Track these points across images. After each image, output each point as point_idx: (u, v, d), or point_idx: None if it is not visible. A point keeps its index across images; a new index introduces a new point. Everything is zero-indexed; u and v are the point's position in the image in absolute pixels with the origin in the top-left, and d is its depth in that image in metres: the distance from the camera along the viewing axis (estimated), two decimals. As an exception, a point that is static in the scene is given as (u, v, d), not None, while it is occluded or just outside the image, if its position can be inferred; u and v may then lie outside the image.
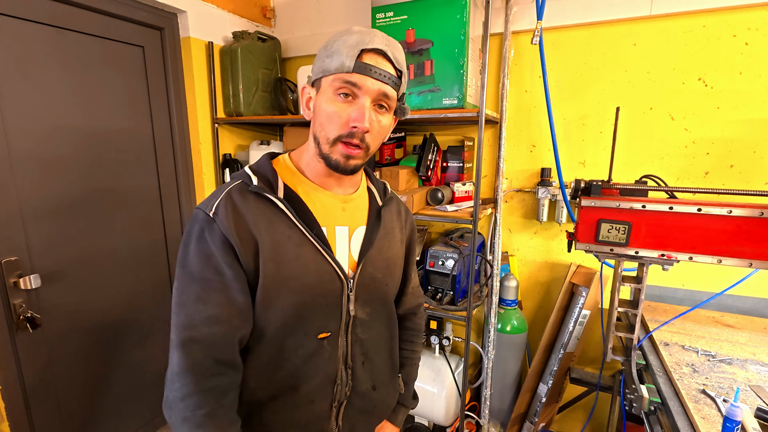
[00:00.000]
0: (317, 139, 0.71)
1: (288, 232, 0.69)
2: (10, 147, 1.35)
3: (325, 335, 0.73)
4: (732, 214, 0.94)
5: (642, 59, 1.51)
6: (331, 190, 0.77)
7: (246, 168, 0.74)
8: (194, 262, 0.66)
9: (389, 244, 0.83)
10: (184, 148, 1.91)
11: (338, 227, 0.76)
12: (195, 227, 0.68)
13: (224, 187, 0.71)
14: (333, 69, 0.67)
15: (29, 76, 1.39)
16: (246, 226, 0.67)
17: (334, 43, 0.68)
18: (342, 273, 0.73)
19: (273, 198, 0.69)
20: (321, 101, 0.69)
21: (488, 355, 1.76)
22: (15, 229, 1.39)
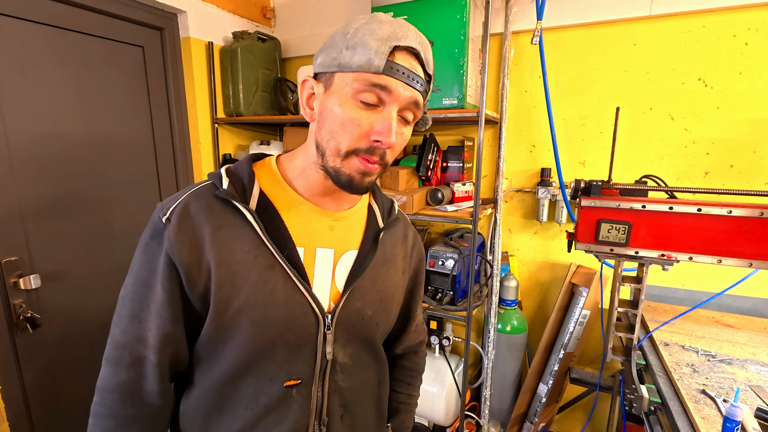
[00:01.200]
0: (322, 148, 0.57)
1: (255, 251, 0.57)
2: (10, 147, 1.35)
3: (293, 383, 0.59)
4: (732, 214, 0.94)
5: (642, 59, 1.51)
6: (320, 205, 0.63)
7: (222, 168, 0.62)
8: (137, 273, 0.57)
9: (387, 274, 0.68)
10: (184, 148, 1.91)
11: (320, 249, 0.62)
12: (147, 230, 0.58)
13: (192, 186, 0.60)
14: (355, 66, 0.52)
15: (29, 76, 1.39)
16: (200, 240, 0.55)
17: (358, 31, 0.53)
18: (318, 307, 0.59)
19: (241, 207, 0.57)
20: (333, 102, 0.55)
21: (488, 355, 1.76)
22: (15, 229, 1.39)
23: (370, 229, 0.68)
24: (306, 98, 0.60)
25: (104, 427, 0.58)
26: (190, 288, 0.56)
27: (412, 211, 1.56)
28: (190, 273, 0.55)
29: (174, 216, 0.56)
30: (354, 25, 0.55)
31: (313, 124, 0.60)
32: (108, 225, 1.66)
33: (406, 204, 1.55)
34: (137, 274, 0.58)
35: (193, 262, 0.55)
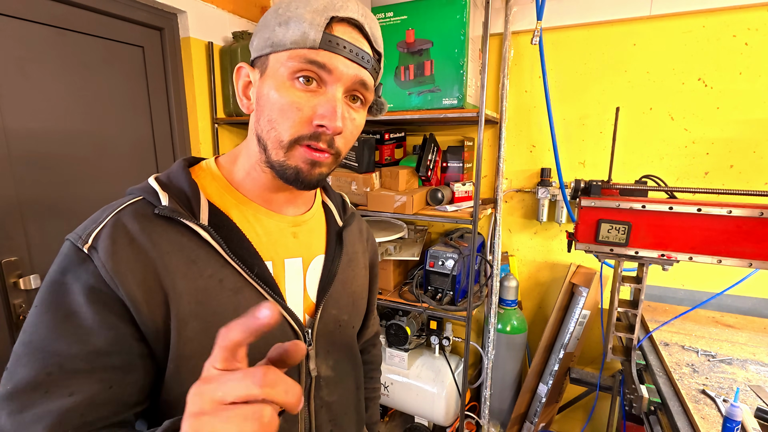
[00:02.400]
0: (263, 141, 0.50)
1: (219, 274, 0.48)
2: (10, 147, 1.35)
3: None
4: (732, 214, 0.94)
5: (642, 59, 1.51)
6: (278, 210, 0.57)
7: (150, 179, 0.51)
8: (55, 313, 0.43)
9: (354, 274, 0.65)
10: (184, 148, 1.91)
11: (288, 260, 0.56)
12: (58, 265, 0.45)
13: (111, 207, 0.48)
14: (289, 42, 0.46)
15: (29, 76, 1.39)
16: (150, 269, 0.45)
17: (291, 4, 0.47)
18: (296, 323, 0.54)
19: (192, 225, 0.48)
20: (268, 87, 0.48)
21: (488, 355, 1.76)
22: (15, 229, 1.39)
23: (331, 229, 0.64)
24: (242, 87, 0.52)
25: None
26: (143, 325, 0.45)
27: (412, 211, 1.56)
28: (144, 305, 0.44)
29: (103, 241, 0.44)
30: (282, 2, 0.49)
31: (252, 116, 0.52)
32: (108, 225, 1.66)
33: (406, 204, 1.55)
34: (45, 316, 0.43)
35: (145, 296, 0.44)
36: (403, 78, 1.56)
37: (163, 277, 0.46)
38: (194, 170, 0.55)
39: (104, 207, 0.50)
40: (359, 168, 1.67)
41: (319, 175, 0.51)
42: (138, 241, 0.46)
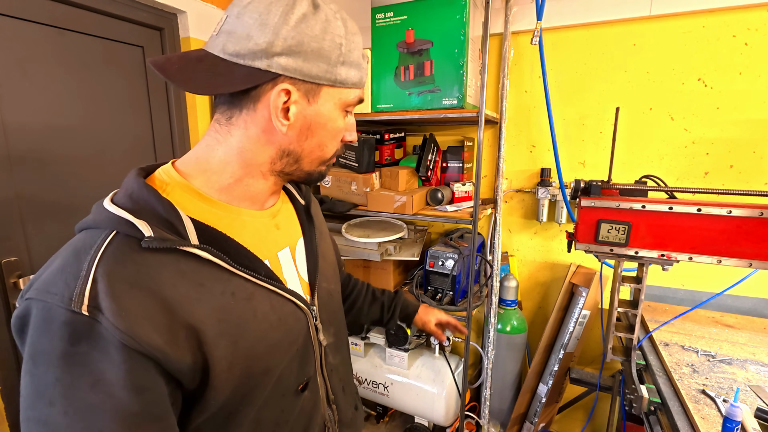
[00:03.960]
0: (297, 155, 0.53)
1: (229, 288, 0.49)
2: (9, 147, 1.35)
3: (303, 384, 0.59)
4: (732, 215, 0.94)
5: (642, 59, 1.51)
6: (261, 207, 0.57)
7: (110, 206, 0.47)
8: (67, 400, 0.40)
9: (327, 245, 0.71)
10: (183, 148, 1.91)
11: (280, 253, 0.59)
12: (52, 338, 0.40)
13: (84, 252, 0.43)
14: (351, 83, 0.53)
15: (29, 76, 1.39)
16: (163, 310, 0.43)
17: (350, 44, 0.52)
18: (304, 304, 0.58)
19: (190, 249, 0.46)
20: (320, 114, 0.52)
21: (488, 355, 1.76)
22: (15, 230, 1.39)
23: (298, 209, 0.67)
24: (282, 108, 0.50)
25: None
26: (174, 365, 0.43)
27: (412, 212, 1.56)
28: (170, 350, 0.42)
29: (104, 300, 0.40)
30: (343, 36, 0.50)
31: (273, 130, 0.51)
32: (108, 225, 1.67)
33: (406, 204, 1.55)
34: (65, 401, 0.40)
35: (167, 338, 0.42)
36: (403, 78, 1.56)
37: (178, 311, 0.44)
38: (155, 184, 0.50)
39: (70, 252, 0.43)
40: (359, 168, 1.67)
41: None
42: (140, 286, 0.42)
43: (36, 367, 0.41)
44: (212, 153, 0.52)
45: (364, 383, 1.90)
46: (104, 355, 0.40)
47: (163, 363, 0.42)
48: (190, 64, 0.49)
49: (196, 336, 0.45)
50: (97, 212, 0.47)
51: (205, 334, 0.45)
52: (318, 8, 0.49)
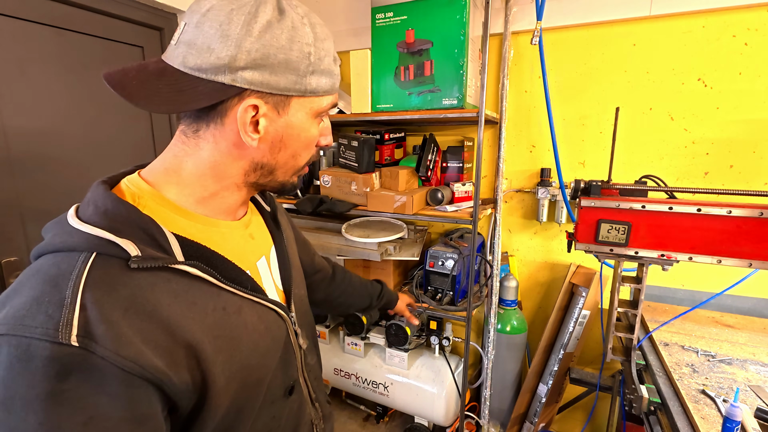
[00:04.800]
0: (271, 167, 0.52)
1: (219, 304, 0.48)
2: (9, 147, 1.35)
3: (290, 387, 0.60)
4: (732, 215, 0.94)
5: (641, 59, 1.51)
6: (234, 218, 0.57)
7: (76, 223, 0.42)
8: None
9: (293, 250, 0.71)
10: (183, 149, 1.92)
11: (258, 263, 0.59)
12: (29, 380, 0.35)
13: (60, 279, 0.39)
14: (322, 91, 0.51)
15: (29, 77, 1.39)
16: (160, 331, 0.41)
17: (319, 53, 0.49)
18: (284, 312, 0.59)
19: (180, 267, 0.44)
20: (292, 125, 0.51)
21: (488, 355, 1.76)
22: (15, 230, 1.39)
23: (266, 217, 0.67)
24: (251, 122, 0.48)
25: None
26: (175, 387, 0.42)
27: (411, 212, 1.56)
28: (170, 372, 0.41)
29: (97, 327, 0.37)
30: (305, 39, 0.47)
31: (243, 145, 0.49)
32: (108, 225, 1.67)
33: (406, 204, 1.55)
34: None
35: (168, 360, 0.41)
36: (403, 78, 1.56)
37: (176, 332, 0.42)
38: (125, 197, 0.47)
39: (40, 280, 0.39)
40: (359, 168, 1.67)
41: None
42: (135, 309, 0.40)
43: (9, 415, 0.35)
44: (182, 165, 0.50)
45: (364, 383, 1.90)
46: (99, 387, 0.36)
47: (166, 387, 0.41)
48: (149, 79, 0.45)
49: (195, 355, 0.43)
50: (64, 233, 0.42)
51: (204, 352, 0.44)
52: (284, 14, 0.46)
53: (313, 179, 1.87)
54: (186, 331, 0.43)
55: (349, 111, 1.70)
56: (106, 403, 0.37)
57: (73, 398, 0.36)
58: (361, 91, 1.63)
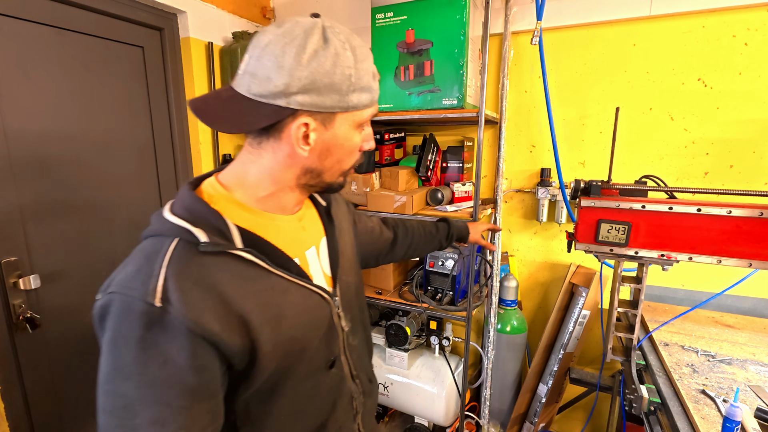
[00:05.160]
0: (319, 171, 0.62)
1: (269, 284, 0.58)
2: (9, 147, 1.35)
3: (331, 362, 0.69)
4: (732, 215, 0.94)
5: (641, 59, 1.52)
6: (290, 213, 0.66)
7: (169, 215, 0.55)
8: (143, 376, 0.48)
9: (345, 241, 0.78)
10: (183, 148, 1.91)
11: (307, 252, 0.68)
12: (131, 326, 0.48)
13: (154, 252, 0.52)
14: (362, 105, 0.60)
15: (29, 77, 1.39)
16: (223, 303, 0.52)
17: (359, 71, 0.58)
18: (328, 295, 0.67)
19: (238, 253, 0.55)
20: (336, 136, 0.60)
21: (488, 355, 1.76)
22: (15, 230, 1.38)
23: (320, 211, 0.76)
24: (302, 137, 0.58)
25: None
26: (229, 348, 0.52)
27: (412, 212, 1.56)
28: (224, 336, 0.51)
29: (173, 294, 0.49)
30: (351, 66, 0.56)
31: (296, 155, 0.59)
32: (108, 225, 1.66)
33: (406, 204, 1.55)
34: (142, 376, 0.48)
35: (225, 324, 0.51)
36: (403, 78, 1.56)
37: (232, 304, 0.52)
38: (203, 196, 0.59)
39: (142, 255, 0.53)
40: (359, 168, 1.67)
41: None
42: (202, 283, 0.51)
43: (116, 348, 0.50)
44: (247, 171, 0.61)
45: (364, 383, 1.90)
46: (171, 339, 0.48)
47: (220, 347, 0.51)
48: (222, 105, 0.57)
49: (245, 323, 0.53)
50: (160, 222, 0.56)
51: (253, 322, 0.54)
52: (328, 42, 0.55)
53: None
54: (238, 305, 0.53)
55: (349, 111, 1.70)
56: (176, 352, 0.48)
57: (155, 344, 0.48)
58: (361, 91, 1.63)
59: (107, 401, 0.50)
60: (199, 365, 0.50)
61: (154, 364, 0.48)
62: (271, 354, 0.56)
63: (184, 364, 0.49)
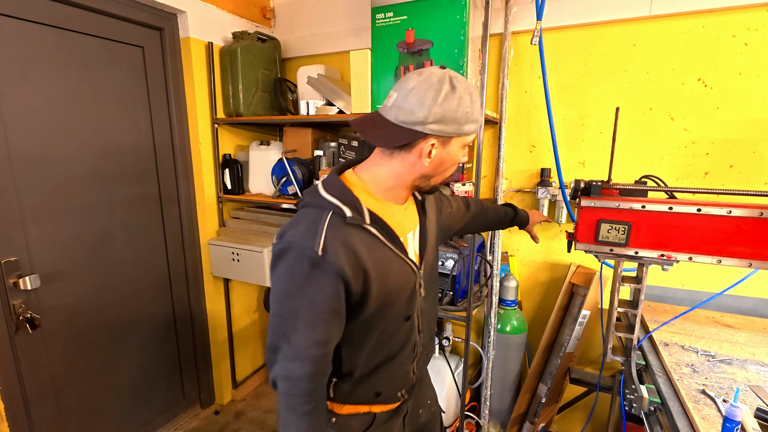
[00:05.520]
0: (430, 176, 0.85)
1: (382, 252, 0.82)
2: (10, 147, 1.35)
3: (408, 316, 0.92)
4: (731, 215, 0.94)
5: (641, 59, 1.52)
6: (400, 203, 0.90)
7: (326, 195, 0.81)
8: (306, 296, 0.75)
9: (431, 228, 0.99)
10: (183, 149, 1.91)
11: (408, 234, 0.92)
12: (302, 263, 0.75)
13: (317, 219, 0.78)
14: (470, 132, 0.82)
15: (29, 77, 1.39)
16: (355, 259, 0.77)
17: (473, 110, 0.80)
18: (416, 269, 0.90)
19: (368, 228, 0.80)
20: (450, 153, 0.83)
21: (488, 355, 1.76)
22: (15, 230, 1.39)
23: (417, 205, 0.98)
24: (426, 152, 0.81)
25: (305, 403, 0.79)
26: (354, 288, 0.77)
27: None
28: (354, 280, 0.77)
29: (329, 248, 0.74)
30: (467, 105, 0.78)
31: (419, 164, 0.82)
32: (107, 225, 1.67)
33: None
34: (305, 296, 0.75)
35: (354, 273, 0.77)
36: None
37: (360, 260, 0.77)
38: (347, 183, 0.83)
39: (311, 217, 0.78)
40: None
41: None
42: (345, 244, 0.76)
43: (290, 277, 0.76)
44: (378, 171, 0.85)
45: (364, 383, 1.90)
46: (325, 275, 0.74)
47: (349, 286, 0.77)
48: (376, 125, 0.81)
49: (365, 275, 0.78)
50: (318, 198, 0.80)
51: (370, 276, 0.79)
52: (455, 89, 0.77)
53: (313, 179, 1.88)
54: (364, 262, 0.78)
55: (349, 111, 1.70)
56: (327, 284, 0.75)
57: (315, 277, 0.74)
58: (361, 91, 1.63)
59: (279, 308, 0.78)
60: (338, 295, 0.76)
61: (313, 289, 0.74)
62: (375, 299, 0.81)
63: (331, 292, 0.75)
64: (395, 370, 0.94)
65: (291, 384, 0.78)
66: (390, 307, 0.86)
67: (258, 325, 2.46)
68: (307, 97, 1.92)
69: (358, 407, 0.94)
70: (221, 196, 2.05)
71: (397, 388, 0.97)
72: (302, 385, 0.78)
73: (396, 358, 0.93)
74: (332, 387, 0.91)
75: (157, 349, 1.93)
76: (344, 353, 0.89)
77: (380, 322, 0.86)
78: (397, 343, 0.92)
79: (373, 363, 0.91)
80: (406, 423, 1.03)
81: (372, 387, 0.92)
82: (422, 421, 1.11)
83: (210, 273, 2.06)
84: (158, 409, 1.98)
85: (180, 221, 1.96)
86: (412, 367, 0.99)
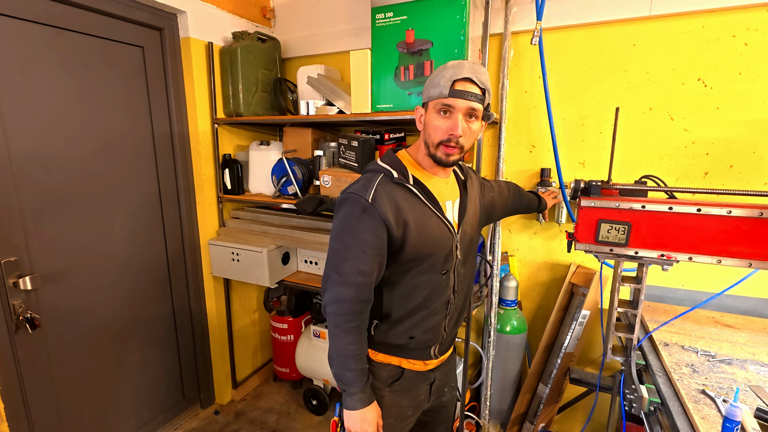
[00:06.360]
0: (426, 143, 0.99)
1: (421, 209, 0.97)
2: (9, 147, 1.35)
3: (444, 272, 1.03)
4: (731, 215, 0.94)
5: (641, 60, 1.52)
6: (438, 175, 1.05)
7: (381, 163, 1.01)
8: (355, 233, 0.93)
9: (472, 205, 1.12)
10: (183, 149, 1.91)
11: (447, 201, 1.05)
12: (355, 208, 0.93)
13: (372, 178, 0.96)
14: (435, 96, 0.94)
15: (29, 77, 1.39)
16: (398, 210, 0.93)
17: (435, 77, 0.95)
18: (453, 231, 1.02)
19: (410, 187, 0.97)
20: (428, 118, 0.98)
21: (488, 355, 1.76)
22: (15, 230, 1.39)
23: (459, 182, 1.12)
24: (418, 118, 1.02)
25: (349, 321, 0.96)
26: (395, 234, 0.93)
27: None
28: (396, 227, 0.93)
29: (376, 198, 0.92)
30: (435, 73, 0.95)
31: (422, 131, 1.00)
32: (108, 225, 1.67)
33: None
34: (355, 234, 0.92)
35: (396, 220, 0.93)
36: (402, 78, 1.56)
37: (402, 212, 0.94)
38: (399, 156, 1.03)
39: (367, 177, 0.97)
40: (359, 168, 1.67)
41: (453, 160, 0.98)
42: (390, 197, 0.94)
43: (346, 219, 0.94)
44: (418, 143, 1.03)
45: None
46: (372, 218, 0.92)
47: (391, 231, 0.93)
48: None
49: (405, 225, 0.94)
50: (375, 165, 1.01)
51: (409, 226, 0.95)
52: (446, 66, 0.95)
53: (313, 179, 1.88)
54: (405, 213, 0.94)
55: (349, 111, 1.70)
56: (372, 225, 0.92)
57: (364, 220, 0.92)
58: (361, 91, 1.63)
59: (334, 244, 0.96)
60: (381, 236, 0.92)
61: (362, 229, 0.92)
62: (413, 248, 0.96)
63: (376, 233, 0.92)
64: (428, 318, 1.05)
65: (338, 305, 0.95)
66: (428, 258, 0.99)
67: (258, 325, 2.46)
68: (307, 97, 1.92)
69: (390, 358, 1.07)
70: (221, 196, 2.05)
71: (428, 336, 1.07)
72: (347, 306, 0.95)
73: (430, 307, 1.04)
74: (373, 327, 1.06)
75: (157, 349, 1.93)
76: (385, 296, 1.03)
77: (416, 269, 1.00)
78: (433, 293, 1.04)
79: (408, 306, 1.03)
80: (432, 392, 1.16)
81: (406, 330, 1.05)
82: (444, 400, 1.24)
83: (210, 273, 2.06)
84: (158, 409, 1.98)
85: (180, 221, 1.96)
86: (444, 324, 1.09)
